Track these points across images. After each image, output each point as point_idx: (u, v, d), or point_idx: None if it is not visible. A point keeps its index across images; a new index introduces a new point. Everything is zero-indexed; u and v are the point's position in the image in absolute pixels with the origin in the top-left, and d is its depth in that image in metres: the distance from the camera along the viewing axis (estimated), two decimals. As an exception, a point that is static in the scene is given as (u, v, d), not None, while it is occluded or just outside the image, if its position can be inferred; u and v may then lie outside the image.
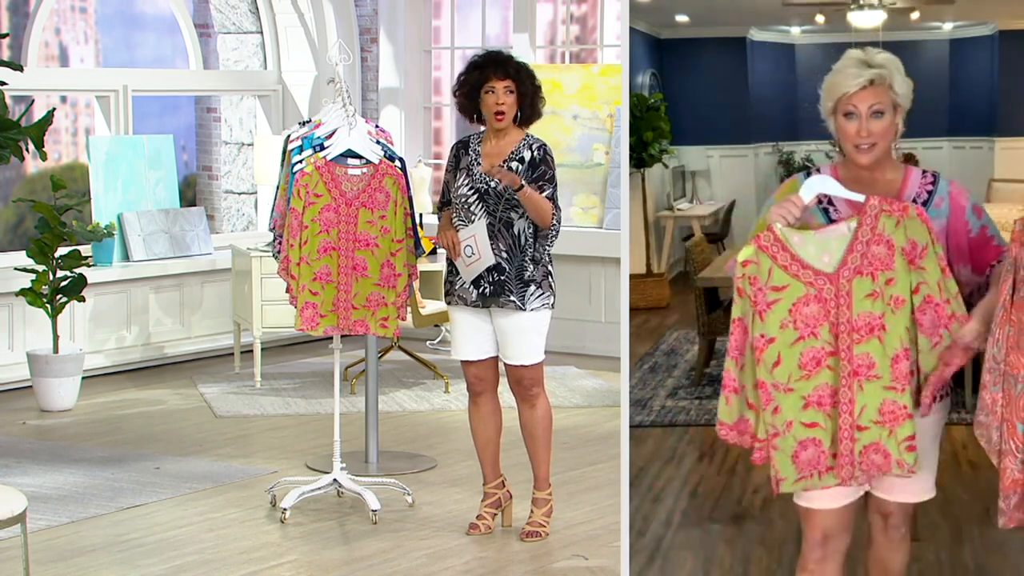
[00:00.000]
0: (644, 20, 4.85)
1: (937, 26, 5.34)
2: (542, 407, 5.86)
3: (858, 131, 3.91)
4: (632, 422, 4.57)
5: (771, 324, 3.86)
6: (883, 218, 3.84)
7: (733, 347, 3.92)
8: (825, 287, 3.85)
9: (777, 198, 4.05)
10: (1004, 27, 5.20)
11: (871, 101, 3.89)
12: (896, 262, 3.83)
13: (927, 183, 4.00)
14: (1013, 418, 3.59)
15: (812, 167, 4.14)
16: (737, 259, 3.89)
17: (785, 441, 3.86)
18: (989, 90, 5.40)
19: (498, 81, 5.74)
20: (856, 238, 3.85)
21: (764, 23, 5.18)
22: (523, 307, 5.72)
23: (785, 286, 3.85)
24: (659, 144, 5.32)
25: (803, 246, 3.86)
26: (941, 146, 5.52)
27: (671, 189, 5.50)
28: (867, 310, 3.85)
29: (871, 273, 3.85)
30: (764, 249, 3.86)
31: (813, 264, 3.86)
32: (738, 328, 3.90)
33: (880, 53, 3.96)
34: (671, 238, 5.53)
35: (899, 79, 3.93)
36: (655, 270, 5.43)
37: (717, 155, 5.52)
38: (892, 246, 3.83)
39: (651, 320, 5.37)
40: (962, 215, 3.96)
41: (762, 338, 3.87)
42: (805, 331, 3.86)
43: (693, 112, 5.46)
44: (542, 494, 5.94)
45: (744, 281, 3.88)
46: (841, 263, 3.85)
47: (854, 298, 3.84)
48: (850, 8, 5.10)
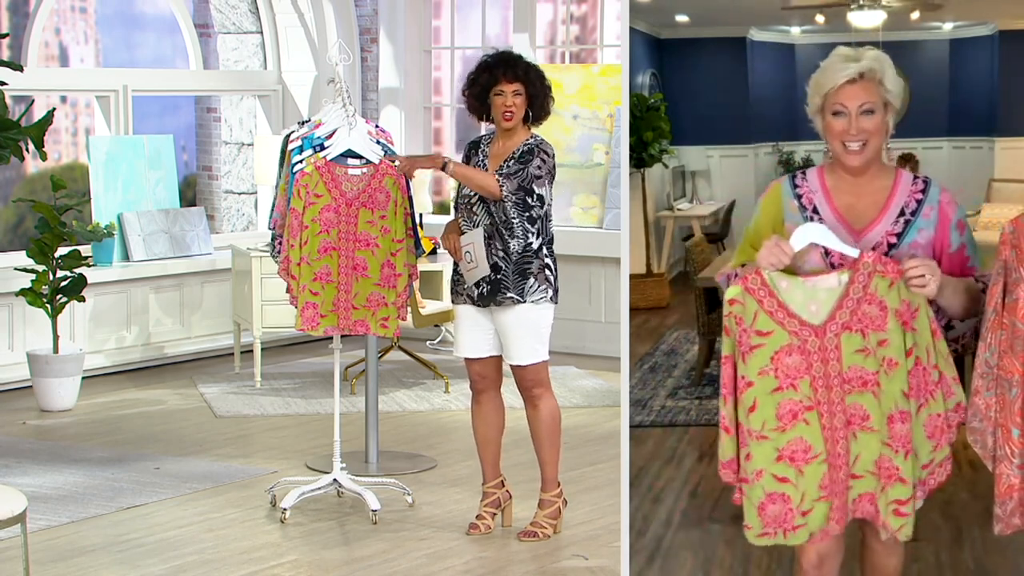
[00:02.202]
0: (644, 20, 4.85)
1: (937, 26, 5.33)
2: (545, 407, 5.85)
3: (847, 128, 3.76)
4: (632, 422, 4.57)
5: (751, 368, 3.74)
6: (876, 278, 3.70)
7: (724, 384, 3.81)
8: (810, 339, 3.72)
9: (762, 204, 3.95)
10: (1004, 27, 5.20)
11: (861, 98, 3.76)
12: (890, 323, 3.70)
13: (917, 191, 3.85)
14: (1008, 423, 3.58)
15: (798, 173, 3.97)
16: (725, 297, 3.77)
17: (753, 490, 3.76)
18: (989, 90, 5.40)
19: (507, 84, 5.76)
20: (847, 294, 3.71)
21: (764, 23, 5.18)
22: (522, 299, 5.73)
23: (769, 332, 3.73)
24: (659, 144, 5.31)
25: (790, 292, 3.72)
26: (941, 146, 5.51)
27: (671, 189, 5.50)
28: (859, 364, 3.71)
29: (861, 331, 3.71)
30: (750, 292, 3.73)
31: (799, 313, 3.72)
32: (728, 365, 3.79)
33: (870, 50, 3.82)
34: (671, 238, 5.53)
35: (890, 75, 3.80)
36: (655, 270, 5.43)
37: (717, 155, 5.52)
38: (885, 307, 3.69)
39: (651, 320, 5.37)
40: (947, 228, 3.82)
41: (742, 380, 3.75)
42: (785, 381, 3.73)
43: (693, 112, 5.46)
44: (546, 495, 5.94)
45: (731, 320, 3.76)
46: (829, 317, 3.71)
47: (844, 352, 3.71)
48: (850, 8, 5.09)
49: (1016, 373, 3.55)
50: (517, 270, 5.75)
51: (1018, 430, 3.56)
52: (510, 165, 5.77)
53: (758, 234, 3.92)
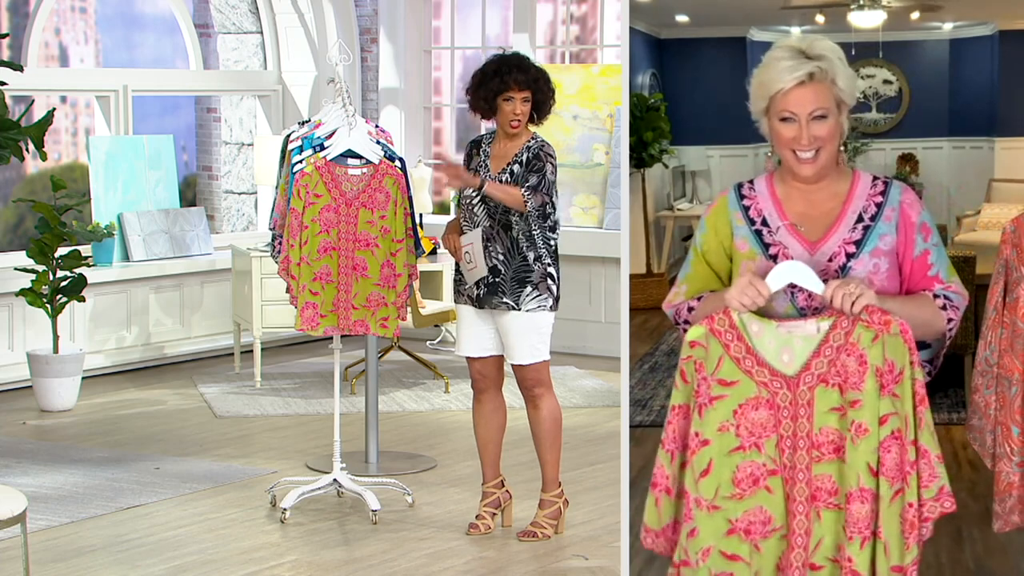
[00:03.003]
0: (644, 20, 4.85)
1: (937, 26, 5.33)
2: (546, 407, 5.85)
3: (797, 136, 3.37)
4: (632, 422, 4.57)
5: (709, 423, 3.27)
6: (859, 327, 3.22)
7: (669, 438, 3.34)
8: (780, 392, 3.26)
9: (707, 219, 3.57)
10: (1004, 27, 5.20)
11: (812, 103, 3.35)
12: (867, 383, 3.21)
13: (876, 193, 3.46)
14: (1008, 421, 3.58)
15: (745, 182, 3.58)
16: (685, 338, 3.33)
17: (697, 573, 3.25)
18: (989, 90, 5.40)
19: (517, 92, 5.75)
20: (826, 341, 3.24)
21: (764, 23, 5.17)
22: (517, 307, 5.73)
23: (734, 382, 3.27)
24: (659, 144, 5.31)
25: (762, 337, 3.27)
26: (941, 146, 5.51)
27: (671, 189, 5.50)
28: (832, 426, 3.23)
29: (838, 385, 3.23)
30: (716, 334, 3.28)
31: (771, 362, 3.27)
32: (677, 417, 3.33)
33: (819, 40, 3.41)
34: (671, 238, 5.53)
35: (842, 72, 3.39)
36: (655, 270, 5.42)
37: (717, 155, 5.52)
38: (865, 362, 3.21)
39: (651, 320, 5.37)
40: (910, 231, 3.44)
41: (696, 437, 3.27)
42: (748, 440, 3.26)
43: (693, 112, 5.46)
44: (547, 495, 5.93)
45: (689, 365, 3.30)
46: (804, 367, 3.25)
47: (816, 410, 3.24)
48: (850, 8, 5.09)
49: (1016, 371, 3.55)
50: (516, 277, 5.75)
51: (1018, 428, 3.57)
52: (523, 174, 5.76)
53: (707, 254, 3.57)
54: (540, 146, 5.82)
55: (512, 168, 5.79)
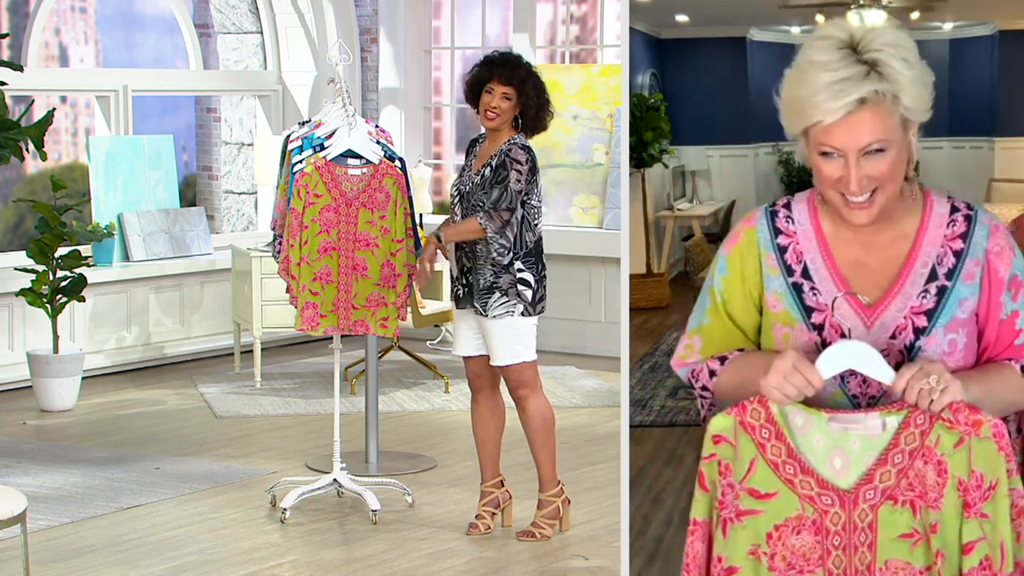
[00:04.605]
0: (644, 20, 4.85)
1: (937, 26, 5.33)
2: (532, 408, 5.83)
3: (843, 179, 2.52)
4: (632, 422, 4.57)
5: (736, 547, 2.51)
6: (939, 426, 2.45)
7: (691, 564, 2.57)
8: (831, 510, 2.48)
9: (728, 259, 2.72)
10: (1004, 27, 5.20)
11: (865, 137, 2.48)
12: (946, 499, 2.45)
13: (954, 236, 2.59)
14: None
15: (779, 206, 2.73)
16: (707, 429, 2.57)
17: None
18: (989, 90, 5.40)
19: (498, 85, 5.70)
20: (895, 443, 2.46)
21: (764, 23, 5.17)
22: (484, 314, 5.72)
23: (771, 494, 2.50)
24: (659, 144, 5.32)
25: (807, 436, 2.49)
26: (941, 146, 5.51)
27: (671, 189, 5.50)
28: (902, 559, 2.46)
29: (910, 502, 2.46)
30: (748, 429, 2.51)
31: (819, 470, 2.49)
32: (698, 538, 2.56)
33: (877, 32, 2.52)
34: (671, 238, 5.53)
35: (907, 80, 2.48)
36: (655, 270, 5.43)
37: (717, 155, 5.52)
38: (945, 472, 2.44)
39: (651, 320, 5.37)
40: (998, 291, 2.60)
41: (719, 563, 2.53)
42: (785, 574, 2.49)
43: (693, 112, 5.46)
44: (544, 495, 5.92)
45: (712, 467, 2.53)
46: (864, 478, 2.47)
47: (879, 537, 2.47)
48: (850, 8, 5.09)
49: (1017, 372, 3.54)
50: (484, 284, 5.72)
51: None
52: (490, 181, 5.72)
53: (728, 303, 2.77)
54: (509, 150, 5.74)
55: (484, 171, 5.77)
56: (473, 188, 5.78)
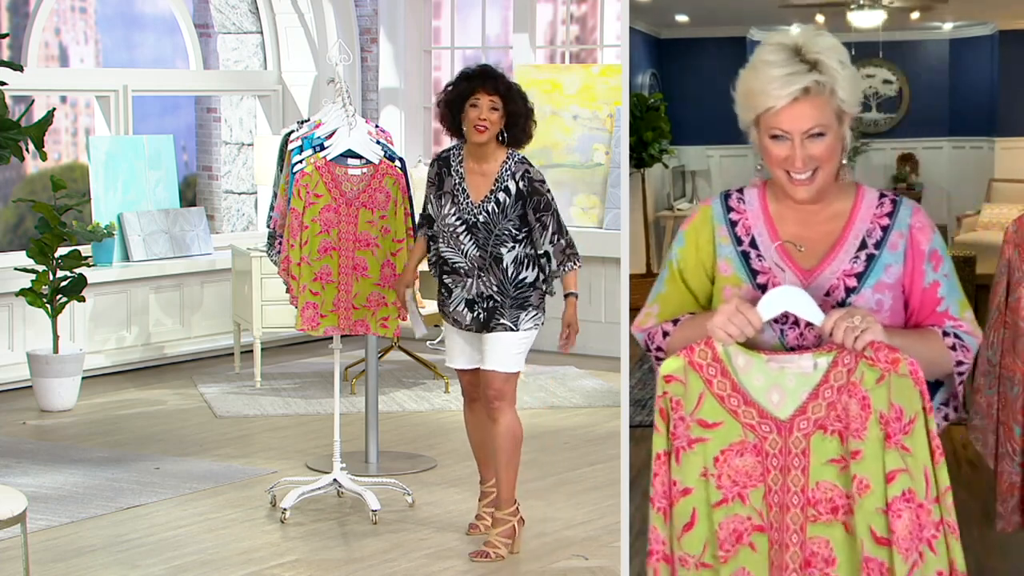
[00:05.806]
0: (644, 20, 4.85)
1: (937, 26, 5.34)
2: (504, 422, 5.64)
3: (791, 156, 2.94)
4: (632, 422, 4.57)
5: (689, 470, 2.82)
6: (863, 365, 2.76)
7: (659, 493, 2.88)
8: (770, 437, 2.79)
9: (686, 233, 3.12)
10: (1004, 27, 5.20)
11: (807, 121, 2.91)
12: (870, 431, 2.74)
13: (882, 215, 3.00)
14: (1010, 421, 3.59)
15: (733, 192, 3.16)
16: (659, 371, 2.88)
17: None
18: (989, 90, 5.40)
19: (485, 95, 5.50)
20: (825, 380, 2.78)
21: (764, 23, 5.18)
22: (515, 328, 5.60)
23: (717, 423, 2.81)
24: (659, 144, 5.32)
25: (749, 373, 2.81)
26: (941, 146, 5.52)
27: (671, 189, 5.50)
28: (830, 480, 2.76)
29: (838, 432, 2.77)
30: (696, 368, 2.83)
31: (759, 401, 2.81)
32: (663, 467, 2.88)
33: (818, 38, 2.95)
34: (671, 238, 5.53)
35: (843, 78, 2.93)
36: (655, 270, 5.42)
37: (717, 155, 5.52)
38: (868, 406, 2.74)
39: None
40: (919, 260, 2.98)
41: (675, 486, 2.83)
42: (731, 491, 2.80)
43: (693, 112, 5.46)
44: (500, 513, 5.69)
45: (665, 403, 2.85)
46: (798, 410, 2.79)
47: (811, 461, 2.77)
48: (850, 8, 5.09)
49: (1018, 372, 3.56)
50: (515, 304, 5.58)
51: (1020, 428, 3.57)
52: (520, 210, 5.52)
53: (684, 271, 3.13)
54: (525, 171, 5.54)
55: (497, 197, 5.52)
56: (490, 218, 5.52)
